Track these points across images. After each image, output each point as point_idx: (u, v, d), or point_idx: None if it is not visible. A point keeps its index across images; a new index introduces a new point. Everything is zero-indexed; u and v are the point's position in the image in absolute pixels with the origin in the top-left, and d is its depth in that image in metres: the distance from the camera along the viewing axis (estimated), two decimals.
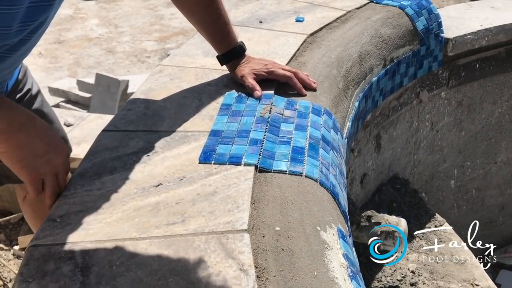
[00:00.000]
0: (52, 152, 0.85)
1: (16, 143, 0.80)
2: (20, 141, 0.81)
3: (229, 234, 0.74)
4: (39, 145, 0.83)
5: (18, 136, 0.80)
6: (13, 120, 0.80)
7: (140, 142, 0.97)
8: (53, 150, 0.85)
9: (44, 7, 0.83)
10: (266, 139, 0.96)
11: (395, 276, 1.50)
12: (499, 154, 2.22)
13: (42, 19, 0.84)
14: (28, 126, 0.82)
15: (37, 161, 0.83)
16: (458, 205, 2.25)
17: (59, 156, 0.86)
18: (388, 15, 1.60)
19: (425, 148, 1.98)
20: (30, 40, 0.88)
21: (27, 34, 0.84)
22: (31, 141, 0.82)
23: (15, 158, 0.81)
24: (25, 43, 0.87)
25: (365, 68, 1.43)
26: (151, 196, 0.82)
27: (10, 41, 0.81)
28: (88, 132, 2.10)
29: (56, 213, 0.79)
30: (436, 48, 1.72)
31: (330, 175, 0.95)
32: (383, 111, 1.67)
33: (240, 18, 1.59)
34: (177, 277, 0.67)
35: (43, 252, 0.71)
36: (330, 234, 0.80)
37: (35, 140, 0.83)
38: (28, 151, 0.82)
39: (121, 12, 4.45)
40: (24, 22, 0.80)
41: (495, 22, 1.87)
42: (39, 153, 0.83)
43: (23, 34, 0.83)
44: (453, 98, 1.95)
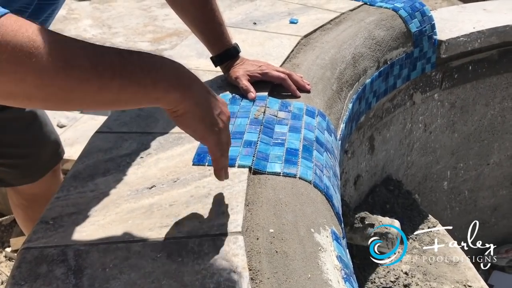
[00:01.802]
0: (220, 103, 0.73)
1: (194, 97, 0.68)
2: (197, 94, 0.68)
3: (223, 236, 0.74)
4: (208, 96, 0.71)
5: (192, 91, 0.68)
6: (181, 74, 0.68)
7: (133, 143, 0.97)
8: (219, 100, 0.74)
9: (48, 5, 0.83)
10: (260, 140, 0.96)
11: (389, 277, 1.50)
12: (492, 155, 2.23)
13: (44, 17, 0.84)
14: (192, 76, 0.70)
15: (215, 116, 0.71)
16: (451, 206, 2.26)
17: (225, 106, 0.75)
18: (382, 17, 1.61)
19: (418, 150, 1.98)
20: None
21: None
22: (203, 92, 0.70)
23: (197, 117, 0.68)
24: None
25: (359, 70, 1.43)
26: (145, 198, 0.82)
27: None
28: (81, 133, 2.09)
29: (48, 215, 0.79)
30: (429, 50, 1.73)
31: (324, 177, 0.95)
32: (377, 112, 1.67)
33: (234, 20, 1.59)
34: (171, 279, 0.67)
35: (36, 254, 0.71)
36: (324, 236, 0.80)
37: (204, 91, 0.71)
38: (206, 105, 0.70)
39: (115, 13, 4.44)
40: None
41: (488, 25, 1.89)
42: (213, 105, 0.71)
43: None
44: (446, 100, 1.96)
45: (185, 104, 0.67)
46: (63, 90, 0.57)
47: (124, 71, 0.60)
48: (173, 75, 0.66)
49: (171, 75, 0.66)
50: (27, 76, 0.54)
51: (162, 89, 0.64)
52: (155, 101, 0.65)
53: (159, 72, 0.64)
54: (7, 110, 1.13)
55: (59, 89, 0.57)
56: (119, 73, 0.60)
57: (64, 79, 0.56)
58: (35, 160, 1.25)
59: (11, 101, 0.57)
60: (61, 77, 0.56)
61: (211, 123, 0.70)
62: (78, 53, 0.57)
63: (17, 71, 0.53)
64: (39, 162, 1.26)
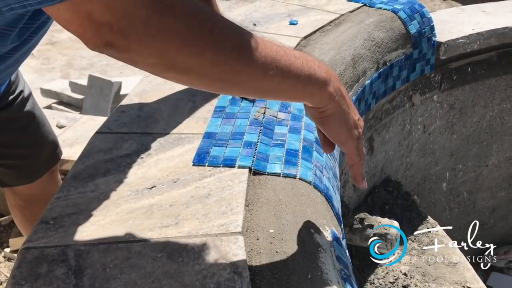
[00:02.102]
0: (356, 111, 0.73)
1: (342, 100, 0.68)
2: (344, 98, 0.69)
3: (223, 237, 0.74)
4: (350, 102, 0.71)
5: (341, 90, 0.69)
6: (333, 74, 0.68)
7: (133, 144, 0.97)
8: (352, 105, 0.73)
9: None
10: (260, 141, 0.96)
11: (388, 278, 1.50)
12: (491, 157, 2.24)
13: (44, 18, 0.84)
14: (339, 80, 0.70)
15: (356, 122, 0.71)
16: (450, 208, 2.26)
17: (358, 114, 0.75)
18: (381, 19, 1.61)
19: (417, 151, 1.99)
20: (31, 40, 0.87)
21: (30, 34, 0.84)
22: (348, 98, 0.70)
23: (343, 119, 0.69)
24: (27, 43, 0.87)
25: (358, 71, 1.43)
26: (145, 199, 0.82)
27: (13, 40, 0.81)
28: (80, 134, 2.09)
29: (49, 215, 0.79)
30: (429, 51, 1.73)
31: (323, 178, 0.95)
32: (376, 114, 1.68)
33: (234, 21, 1.59)
34: (171, 279, 0.67)
35: (36, 254, 0.71)
36: (324, 237, 0.80)
37: (348, 97, 0.71)
38: (350, 111, 0.70)
39: None
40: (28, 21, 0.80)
41: (487, 27, 1.89)
42: (355, 112, 0.72)
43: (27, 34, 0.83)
44: (445, 101, 1.96)
45: (333, 104, 0.68)
46: (232, 70, 0.60)
47: (286, 63, 0.63)
48: (327, 73, 0.67)
49: (326, 73, 0.67)
50: (205, 51, 0.57)
51: (318, 85, 0.66)
52: (308, 96, 0.67)
53: (317, 69, 0.66)
54: (5, 110, 1.13)
55: (230, 68, 0.60)
56: (283, 63, 0.62)
57: (236, 59, 0.59)
58: (32, 160, 1.26)
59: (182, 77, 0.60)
60: (234, 56, 0.59)
61: (352, 128, 0.71)
62: (249, 38, 0.61)
63: (198, 44, 0.56)
64: (37, 162, 1.26)
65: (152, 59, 0.57)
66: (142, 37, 0.53)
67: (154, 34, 0.53)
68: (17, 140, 1.19)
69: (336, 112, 0.68)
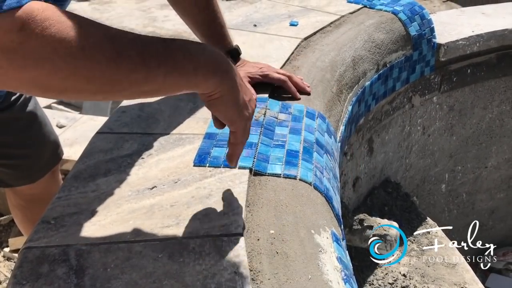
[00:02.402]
0: (251, 92, 0.76)
1: (231, 82, 0.70)
2: (233, 78, 0.70)
3: (224, 237, 0.74)
4: (244, 84, 0.74)
5: (230, 73, 0.70)
6: (220, 59, 0.69)
7: (134, 144, 0.97)
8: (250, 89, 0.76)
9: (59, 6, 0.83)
10: (260, 142, 0.96)
11: (387, 279, 1.51)
12: (490, 158, 2.24)
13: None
14: (231, 64, 0.71)
15: (247, 103, 0.73)
16: (449, 209, 2.26)
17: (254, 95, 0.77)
18: (382, 20, 1.62)
19: (416, 152, 1.99)
20: None
21: None
22: (237, 79, 0.72)
23: (231, 101, 0.70)
24: None
25: (358, 72, 1.44)
26: (146, 199, 0.83)
27: None
28: (80, 134, 2.09)
29: (50, 215, 0.79)
30: (429, 53, 1.74)
31: (324, 179, 0.96)
32: (376, 115, 1.68)
33: (234, 22, 1.60)
34: (172, 279, 0.67)
35: (37, 254, 0.71)
36: (324, 238, 0.80)
37: (239, 80, 0.72)
38: (239, 90, 0.71)
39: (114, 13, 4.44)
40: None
41: (486, 28, 1.90)
42: (247, 93, 0.74)
43: None
44: (445, 103, 1.96)
45: (222, 87, 0.68)
46: (112, 82, 0.58)
47: (168, 59, 0.62)
48: (212, 61, 0.67)
49: (211, 61, 0.67)
50: (77, 71, 0.55)
51: (202, 76, 0.66)
52: (194, 86, 0.67)
53: (200, 59, 0.66)
54: (7, 110, 1.13)
55: (108, 81, 0.58)
56: (164, 61, 0.61)
57: (114, 71, 0.57)
58: (34, 160, 1.26)
59: (61, 94, 0.58)
60: (111, 68, 0.57)
61: (242, 108, 0.71)
62: (126, 44, 0.58)
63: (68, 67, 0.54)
64: (38, 162, 1.27)
65: (25, 88, 0.56)
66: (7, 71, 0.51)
67: (21, 65, 0.51)
68: (19, 141, 1.19)
69: (224, 95, 0.69)
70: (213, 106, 0.71)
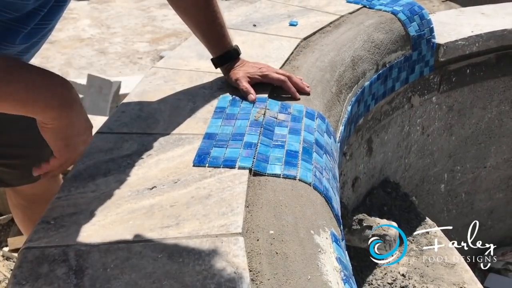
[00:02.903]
0: (88, 131, 0.83)
1: (68, 120, 0.77)
2: (71, 119, 0.77)
3: (224, 238, 0.74)
4: (82, 123, 0.81)
5: (69, 113, 0.77)
6: (66, 96, 0.77)
7: (134, 144, 0.97)
8: (89, 129, 0.84)
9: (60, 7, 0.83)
10: (260, 142, 0.96)
11: (386, 279, 1.51)
12: (489, 158, 2.25)
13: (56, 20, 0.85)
14: (77, 103, 0.78)
15: (78, 140, 0.81)
16: (448, 209, 2.27)
17: (91, 135, 0.85)
18: (381, 20, 1.62)
19: (416, 152, 1.99)
20: (39, 43, 0.88)
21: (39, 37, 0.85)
22: (79, 119, 0.79)
23: (62, 135, 0.79)
24: (35, 45, 0.88)
25: (358, 72, 1.44)
26: (146, 199, 0.83)
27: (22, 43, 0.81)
28: None
29: (50, 215, 0.79)
30: (428, 53, 1.74)
31: (323, 179, 0.96)
32: (375, 115, 1.68)
33: (234, 21, 1.60)
34: (172, 280, 0.67)
35: (37, 254, 0.71)
36: (323, 238, 0.80)
37: (81, 118, 0.80)
38: (75, 129, 0.79)
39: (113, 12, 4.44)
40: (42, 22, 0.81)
41: (486, 29, 1.90)
42: (81, 132, 0.81)
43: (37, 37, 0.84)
44: (444, 103, 1.97)
45: (55, 122, 0.76)
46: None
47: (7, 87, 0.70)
48: (56, 98, 0.76)
49: (55, 97, 0.75)
50: None
51: (40, 109, 0.75)
52: (31, 114, 0.76)
53: (43, 93, 0.74)
54: None
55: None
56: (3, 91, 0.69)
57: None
58: (34, 160, 1.25)
59: None
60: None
61: (70, 145, 0.80)
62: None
63: None
64: (39, 162, 1.26)
65: None
66: None
67: None
68: (19, 140, 1.19)
69: (55, 128, 0.77)
70: (44, 133, 0.79)
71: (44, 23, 0.82)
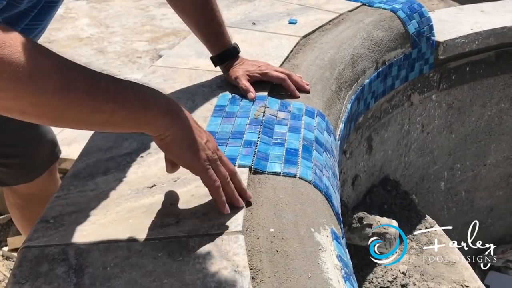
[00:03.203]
0: (206, 134, 0.76)
1: (181, 125, 0.70)
2: (184, 123, 0.71)
3: (224, 236, 0.74)
4: (196, 126, 0.74)
5: (180, 118, 0.71)
6: (171, 102, 0.71)
7: (133, 143, 0.97)
8: (205, 131, 0.76)
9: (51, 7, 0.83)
10: (260, 140, 0.96)
11: (386, 277, 1.51)
12: (488, 156, 2.24)
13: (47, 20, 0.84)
14: (180, 107, 0.72)
15: (203, 144, 0.73)
16: (448, 207, 2.27)
17: (211, 137, 0.77)
18: (380, 18, 1.61)
19: (415, 150, 1.99)
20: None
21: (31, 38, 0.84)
22: (190, 122, 0.72)
23: (185, 143, 0.71)
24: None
25: (358, 70, 1.44)
26: (145, 198, 0.82)
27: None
28: (79, 133, 2.08)
29: (49, 214, 0.79)
30: (428, 51, 1.74)
31: (323, 177, 0.95)
32: (375, 113, 1.68)
33: (233, 20, 1.60)
34: (172, 278, 0.67)
35: (36, 253, 0.71)
36: (324, 236, 0.80)
37: (192, 122, 0.73)
38: (193, 133, 0.72)
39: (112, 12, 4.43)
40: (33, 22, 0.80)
41: (485, 26, 1.90)
42: (201, 135, 0.74)
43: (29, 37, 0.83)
44: (444, 100, 1.96)
45: (172, 130, 0.70)
46: (57, 110, 0.60)
47: (117, 96, 0.64)
48: (163, 103, 0.70)
49: (161, 102, 0.70)
50: (24, 95, 0.57)
51: (152, 115, 0.68)
52: (145, 126, 0.69)
53: (150, 99, 0.68)
54: None
55: (53, 109, 0.60)
56: (113, 97, 0.64)
57: (60, 101, 0.59)
58: (31, 159, 1.25)
59: (5, 113, 0.60)
60: (57, 98, 0.59)
61: (197, 150, 0.72)
62: (76, 76, 0.61)
63: (16, 89, 0.56)
64: (36, 161, 1.26)
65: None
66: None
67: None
68: (16, 139, 1.18)
69: (175, 138, 0.70)
70: (167, 149, 0.72)
71: (35, 23, 0.82)
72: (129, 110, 0.66)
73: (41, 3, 0.79)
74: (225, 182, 0.75)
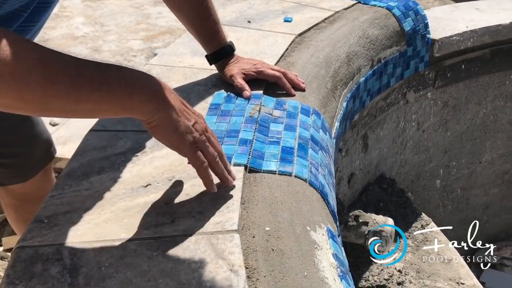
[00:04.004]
0: (196, 115, 0.76)
1: (167, 110, 0.71)
2: (170, 107, 0.71)
3: (219, 235, 0.73)
4: (184, 109, 0.74)
5: (166, 103, 0.71)
6: (157, 87, 0.71)
7: (128, 142, 0.96)
8: (194, 112, 0.76)
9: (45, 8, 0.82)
10: (255, 139, 0.96)
11: (382, 275, 1.51)
12: (484, 154, 2.25)
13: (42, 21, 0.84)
14: (168, 90, 0.72)
15: (190, 127, 0.73)
16: (444, 205, 2.27)
17: (201, 118, 0.78)
18: (376, 16, 1.61)
19: (411, 148, 1.99)
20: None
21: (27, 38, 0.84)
22: (178, 105, 0.72)
23: (172, 127, 0.71)
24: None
25: (353, 68, 1.43)
26: (140, 197, 0.82)
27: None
28: (74, 132, 2.07)
29: (43, 214, 0.78)
30: (423, 49, 1.74)
31: (319, 175, 0.95)
32: (370, 111, 1.68)
33: (228, 18, 1.59)
34: (167, 278, 0.67)
35: (30, 253, 0.70)
36: (319, 234, 0.80)
37: (179, 104, 0.73)
38: (180, 117, 0.72)
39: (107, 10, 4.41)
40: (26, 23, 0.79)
41: (480, 24, 1.90)
42: (189, 117, 0.74)
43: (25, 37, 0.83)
44: (439, 98, 1.97)
45: (159, 115, 0.70)
46: (41, 102, 0.61)
47: (102, 85, 0.65)
48: (148, 88, 0.70)
49: (147, 88, 0.70)
50: (8, 92, 0.57)
51: (137, 101, 0.68)
52: (131, 112, 0.69)
53: (136, 86, 0.68)
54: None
55: (38, 101, 0.61)
56: (98, 86, 0.64)
57: (43, 94, 0.60)
58: (26, 159, 1.24)
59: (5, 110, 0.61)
60: (41, 92, 0.59)
61: (184, 133, 0.73)
62: (59, 69, 0.61)
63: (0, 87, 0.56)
64: (31, 161, 1.25)
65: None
66: None
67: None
68: (10, 139, 1.18)
69: (162, 122, 0.71)
70: (154, 133, 0.73)
71: (29, 24, 0.81)
72: (114, 98, 0.66)
73: (33, 4, 0.78)
74: (214, 162, 0.77)
